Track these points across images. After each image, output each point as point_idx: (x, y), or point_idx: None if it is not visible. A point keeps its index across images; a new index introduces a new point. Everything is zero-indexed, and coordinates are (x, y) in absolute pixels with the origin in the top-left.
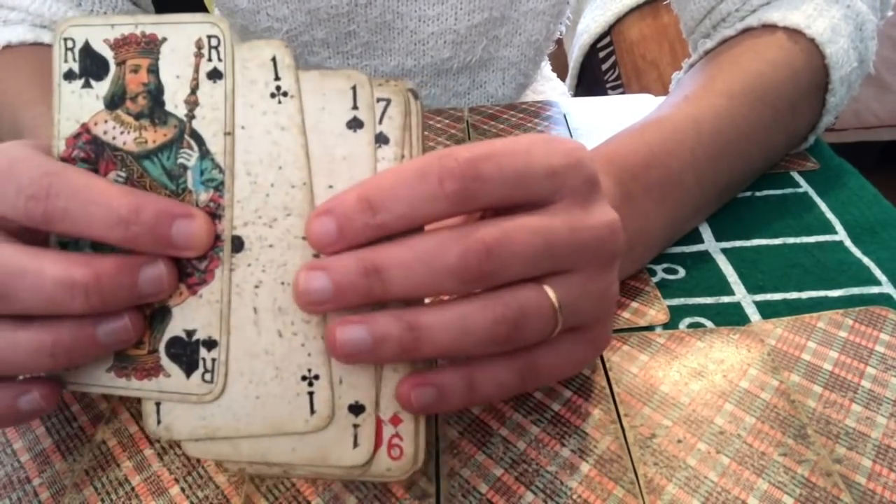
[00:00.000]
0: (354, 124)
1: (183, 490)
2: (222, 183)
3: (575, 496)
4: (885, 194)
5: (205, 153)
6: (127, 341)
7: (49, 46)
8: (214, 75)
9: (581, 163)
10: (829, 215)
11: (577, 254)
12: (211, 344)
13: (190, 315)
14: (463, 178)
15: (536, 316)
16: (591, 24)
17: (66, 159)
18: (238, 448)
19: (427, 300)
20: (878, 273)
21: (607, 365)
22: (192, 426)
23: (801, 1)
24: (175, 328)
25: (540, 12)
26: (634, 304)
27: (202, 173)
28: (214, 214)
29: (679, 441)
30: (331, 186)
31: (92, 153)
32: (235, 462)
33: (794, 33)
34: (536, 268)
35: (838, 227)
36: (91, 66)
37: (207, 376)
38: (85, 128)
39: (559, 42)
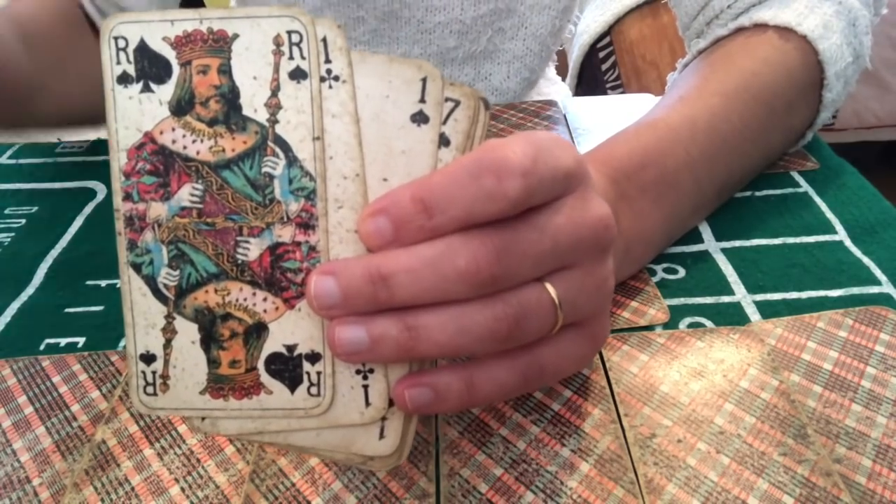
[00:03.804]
0: (419, 118)
1: (183, 490)
2: (314, 191)
3: (575, 496)
4: (885, 194)
5: (292, 160)
6: None
7: None
8: (298, 75)
9: (582, 163)
10: (829, 215)
11: (578, 250)
12: (314, 357)
13: (289, 329)
14: (525, 174)
15: (537, 312)
16: (590, 24)
17: (129, 173)
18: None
19: None
20: (878, 273)
21: (607, 365)
22: (241, 422)
23: None
24: (274, 344)
25: (545, 6)
26: (634, 304)
27: (291, 182)
28: (307, 225)
29: (679, 441)
30: (385, 179)
31: (160, 164)
32: (246, 436)
33: (786, 31)
34: (544, 268)
35: (838, 226)
36: (150, 67)
37: (314, 390)
38: (149, 137)
39: (561, 42)
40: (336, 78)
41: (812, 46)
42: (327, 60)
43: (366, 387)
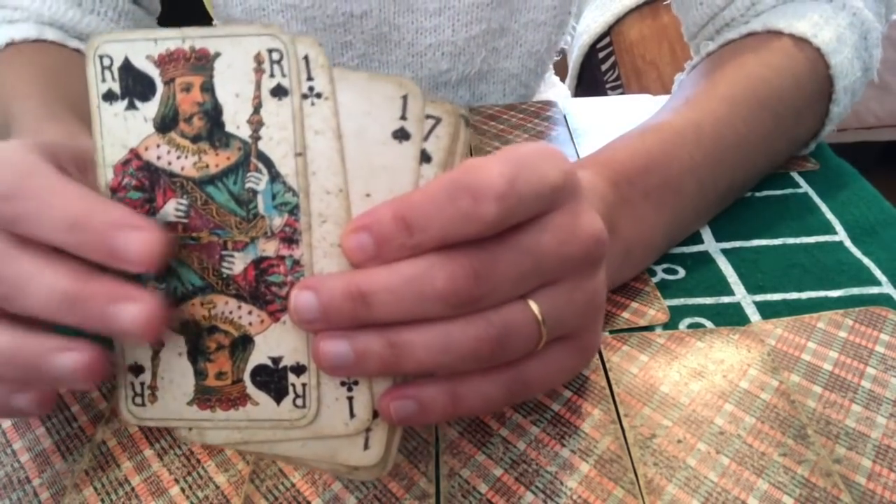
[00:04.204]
0: (400, 135)
1: (183, 490)
2: (297, 206)
3: (575, 496)
4: (885, 194)
5: (275, 176)
6: (73, 379)
7: (52, 43)
8: (279, 92)
9: (571, 176)
10: (829, 216)
11: (564, 266)
12: (299, 369)
13: (274, 342)
14: (503, 197)
15: (520, 331)
16: (590, 25)
17: (115, 188)
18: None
19: None
20: (878, 273)
21: (607, 365)
22: (228, 432)
23: (807, 8)
24: (259, 356)
25: (541, 23)
26: (634, 304)
27: (274, 197)
28: (291, 239)
29: (679, 441)
30: (368, 195)
31: (146, 180)
32: (233, 445)
33: (800, 41)
34: (525, 287)
35: (838, 227)
36: (134, 85)
37: (299, 401)
38: (134, 153)
39: (559, 53)
40: (318, 95)
41: (824, 60)
42: (309, 78)
43: (350, 398)
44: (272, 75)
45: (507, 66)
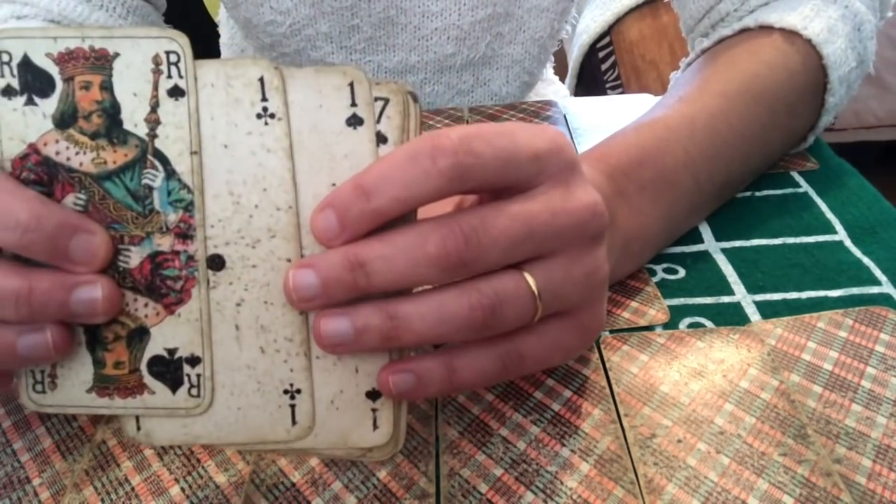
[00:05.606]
0: (354, 121)
1: (183, 490)
2: (192, 203)
3: (575, 496)
4: (885, 194)
5: (171, 173)
6: (47, 357)
7: None
8: (176, 93)
9: (563, 147)
10: (829, 215)
11: (559, 237)
12: (194, 361)
13: (170, 334)
14: (456, 153)
15: (514, 302)
16: (590, 24)
17: None
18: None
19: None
20: (878, 273)
21: (607, 365)
22: (173, 433)
23: (799, 2)
24: (155, 347)
25: (544, 9)
26: (634, 304)
27: (169, 194)
28: (185, 235)
29: (679, 441)
30: (334, 184)
31: (44, 175)
32: (239, 445)
33: (791, 34)
34: (517, 254)
35: (838, 227)
36: (33, 81)
37: (194, 391)
38: (33, 148)
39: (559, 42)
40: (272, 115)
41: (816, 50)
42: (263, 98)
43: (293, 406)
44: (169, 76)
45: (510, 52)
